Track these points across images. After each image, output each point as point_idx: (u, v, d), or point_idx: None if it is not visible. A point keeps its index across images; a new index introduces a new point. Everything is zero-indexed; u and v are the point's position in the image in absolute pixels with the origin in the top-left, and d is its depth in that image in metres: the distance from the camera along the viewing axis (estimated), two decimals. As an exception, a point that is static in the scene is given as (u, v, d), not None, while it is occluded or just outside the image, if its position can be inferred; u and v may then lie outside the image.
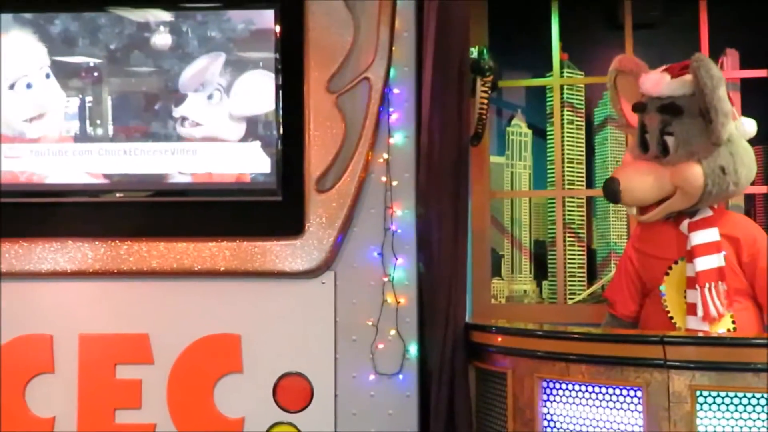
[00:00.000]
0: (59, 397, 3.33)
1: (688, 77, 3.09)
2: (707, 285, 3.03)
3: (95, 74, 3.45)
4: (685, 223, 3.16)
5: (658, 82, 3.20)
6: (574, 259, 3.93)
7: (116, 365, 3.32)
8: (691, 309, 3.07)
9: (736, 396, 2.64)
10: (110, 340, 3.33)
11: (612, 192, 3.15)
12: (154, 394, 3.30)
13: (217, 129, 3.42)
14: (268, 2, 3.41)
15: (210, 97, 3.43)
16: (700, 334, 3.03)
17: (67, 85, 3.45)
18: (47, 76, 3.46)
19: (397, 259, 3.27)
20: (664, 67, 3.28)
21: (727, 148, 3.06)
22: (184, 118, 3.42)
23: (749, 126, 3.19)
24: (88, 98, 3.46)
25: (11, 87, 3.47)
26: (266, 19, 3.40)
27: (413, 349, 3.26)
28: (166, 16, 3.45)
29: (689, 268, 3.10)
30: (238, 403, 3.29)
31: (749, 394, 2.62)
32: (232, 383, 3.30)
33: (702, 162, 3.03)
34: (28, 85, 3.47)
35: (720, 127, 2.98)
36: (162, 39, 3.44)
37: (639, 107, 3.27)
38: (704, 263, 3.05)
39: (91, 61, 3.45)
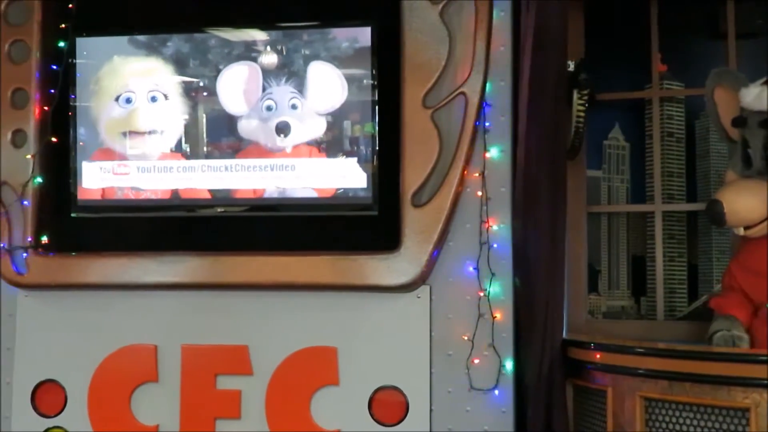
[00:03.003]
0: (163, 406, 3.43)
1: None
2: None
3: (205, 93, 3.56)
4: None
5: (759, 96, 3.14)
6: (674, 274, 3.83)
7: (216, 376, 3.40)
8: None
9: None
10: (211, 351, 3.41)
11: (716, 215, 3.09)
12: (253, 405, 3.37)
13: (308, 132, 3.47)
14: (365, 20, 3.46)
15: (294, 107, 3.49)
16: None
17: (177, 103, 3.57)
18: (158, 96, 3.59)
19: (493, 273, 3.25)
20: (764, 79, 3.20)
21: None
22: (281, 130, 3.49)
23: None
24: (199, 115, 3.56)
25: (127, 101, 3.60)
26: (367, 36, 3.44)
27: (509, 365, 3.23)
28: (271, 35, 3.52)
29: None
30: (334, 415, 3.32)
31: None
32: (329, 395, 3.34)
33: None
34: (128, 100, 3.60)
35: None
36: (268, 58, 3.51)
37: (739, 122, 3.21)
38: None
39: (201, 81, 3.56)
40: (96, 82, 3.61)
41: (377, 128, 3.42)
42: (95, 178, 3.61)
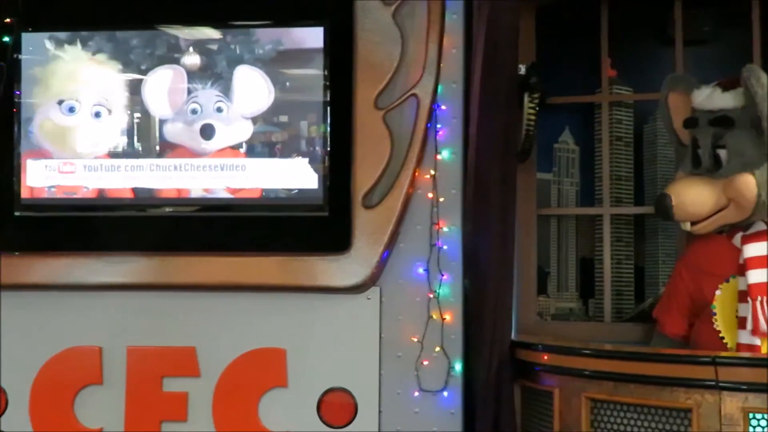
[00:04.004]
0: (107, 409, 3.37)
1: (740, 90, 3.11)
2: (759, 298, 3.00)
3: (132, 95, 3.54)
4: (738, 236, 3.14)
5: (710, 96, 3.21)
6: (621, 277, 3.88)
7: (163, 378, 3.35)
8: (742, 323, 3.05)
9: (791, 419, 2.59)
10: (157, 352, 3.37)
11: (664, 208, 3.14)
12: (200, 407, 3.33)
13: (234, 136, 3.46)
14: (318, 20, 3.45)
15: (219, 110, 3.47)
16: (752, 354, 2.99)
17: (117, 106, 3.54)
18: (102, 111, 3.56)
19: (443, 275, 3.26)
20: (715, 82, 3.25)
21: None
22: (205, 133, 3.48)
23: None
24: (136, 115, 3.53)
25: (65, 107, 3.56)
26: (295, 38, 3.44)
27: (458, 366, 3.24)
28: (193, 37, 3.51)
29: (741, 282, 3.07)
30: (283, 417, 3.30)
31: (805, 418, 2.57)
32: (277, 397, 3.31)
33: (755, 172, 3.02)
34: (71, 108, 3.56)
35: None
36: (191, 59, 3.49)
37: (691, 122, 3.28)
38: (757, 276, 3.03)
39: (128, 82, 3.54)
40: (39, 80, 3.55)
41: (329, 129, 3.40)
42: (40, 177, 3.54)
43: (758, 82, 3.00)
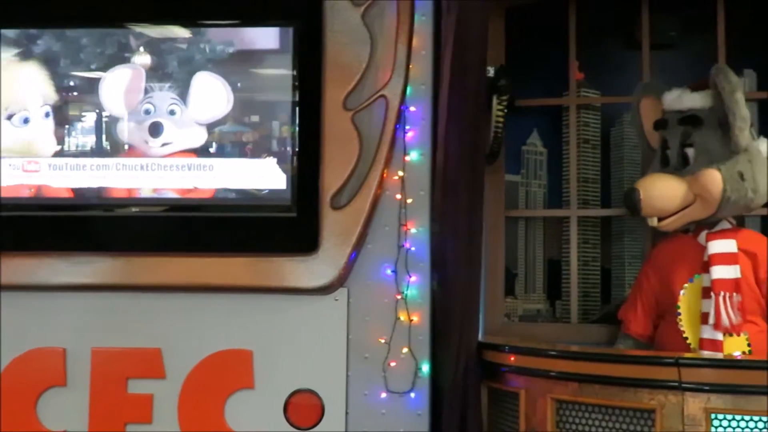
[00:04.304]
0: (70, 411, 3.32)
1: (709, 91, 3.20)
2: (722, 293, 3.05)
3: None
4: (704, 234, 3.20)
5: (679, 96, 3.31)
6: (588, 278, 3.91)
7: (128, 379, 3.32)
8: (705, 318, 3.10)
9: (752, 419, 2.62)
10: (122, 354, 3.33)
11: (632, 202, 3.20)
12: (165, 409, 3.30)
13: (186, 140, 3.44)
14: (286, 20, 3.43)
15: (172, 113, 3.45)
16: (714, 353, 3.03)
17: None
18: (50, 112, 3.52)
19: (410, 276, 3.26)
20: (686, 86, 3.35)
21: (746, 156, 3.14)
22: (153, 131, 3.46)
23: (763, 146, 3.22)
24: (93, 114, 3.50)
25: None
26: (249, 39, 3.44)
27: (425, 368, 3.24)
28: (144, 37, 3.49)
29: (705, 279, 3.12)
30: (249, 419, 3.28)
31: (765, 418, 2.60)
32: (244, 399, 3.29)
33: (721, 168, 3.07)
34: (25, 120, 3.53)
35: (738, 131, 3.07)
36: (141, 59, 3.47)
37: (660, 124, 3.34)
38: (720, 272, 3.09)
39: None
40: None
41: (298, 129, 3.39)
42: (3, 175, 3.49)
43: (726, 78, 3.08)
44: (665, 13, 3.92)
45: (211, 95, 3.44)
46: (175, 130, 3.45)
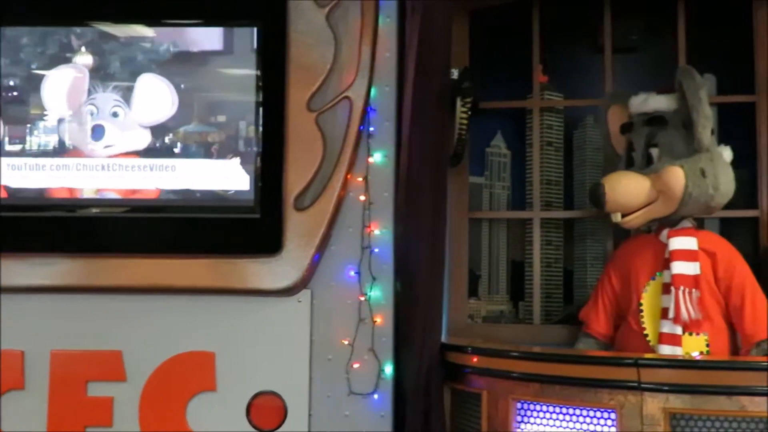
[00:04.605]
0: (29, 414, 3.27)
1: (674, 94, 3.27)
2: (681, 288, 3.10)
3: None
4: (665, 232, 3.25)
5: (645, 100, 3.38)
6: (551, 280, 3.94)
7: (88, 382, 3.28)
8: (665, 313, 3.14)
9: (709, 419, 2.66)
10: (82, 357, 3.29)
11: (597, 196, 3.25)
12: (125, 412, 3.26)
13: (128, 143, 3.42)
14: (250, 19, 3.42)
15: (115, 114, 3.43)
16: (675, 348, 3.09)
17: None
18: None
19: (374, 278, 3.26)
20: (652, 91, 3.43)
21: (708, 156, 3.20)
22: (95, 134, 3.43)
23: (725, 152, 3.28)
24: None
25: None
26: (192, 40, 3.42)
27: (388, 369, 3.25)
28: (86, 37, 3.46)
29: (666, 275, 3.17)
30: (211, 421, 3.25)
31: (722, 417, 2.64)
32: (206, 401, 3.27)
33: (683, 166, 3.12)
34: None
35: (701, 128, 3.12)
36: (83, 59, 3.44)
37: (626, 127, 3.41)
38: (680, 268, 3.15)
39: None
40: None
41: (261, 130, 3.38)
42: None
43: (691, 78, 3.15)
44: (628, 17, 3.97)
45: (156, 97, 3.41)
46: (118, 132, 3.41)
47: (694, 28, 3.84)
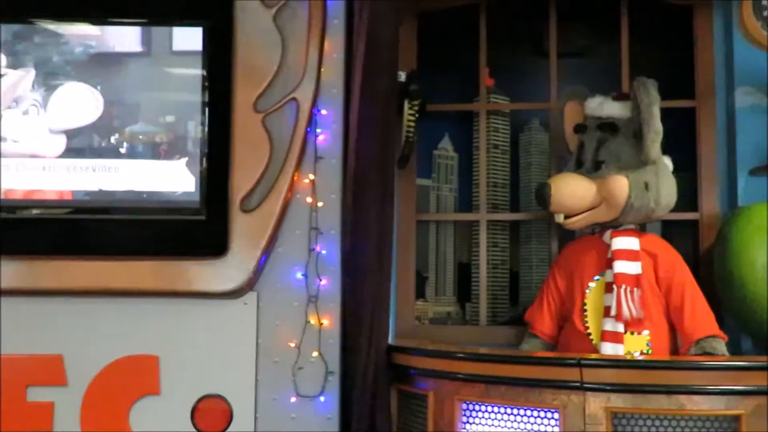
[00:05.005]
0: (-33, 420, 3.21)
1: (629, 103, 3.33)
2: (623, 287, 3.15)
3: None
4: (608, 232, 3.31)
5: (601, 104, 3.44)
6: (497, 281, 3.98)
7: (28, 387, 3.21)
8: (607, 311, 3.20)
9: (649, 418, 2.70)
10: (22, 361, 3.22)
11: (542, 196, 3.31)
12: (67, 417, 3.20)
13: (35, 145, 3.37)
14: (196, 20, 3.39)
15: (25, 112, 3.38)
16: (617, 346, 3.15)
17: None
18: None
19: (321, 280, 3.25)
20: (609, 94, 3.51)
21: (653, 169, 3.26)
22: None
23: (666, 161, 3.35)
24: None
25: None
26: (111, 41, 3.39)
27: (335, 371, 3.24)
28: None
29: (609, 275, 3.23)
30: (155, 425, 3.21)
31: (662, 416, 2.69)
32: (149, 405, 3.22)
33: (629, 176, 3.18)
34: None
35: (650, 143, 3.19)
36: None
37: (580, 128, 3.47)
38: (622, 267, 3.21)
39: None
40: None
41: (207, 131, 3.35)
42: None
43: (646, 91, 3.20)
44: (573, 22, 4.03)
45: (77, 101, 3.37)
46: (33, 134, 3.36)
47: (637, 34, 3.91)
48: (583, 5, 3.95)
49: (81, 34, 3.40)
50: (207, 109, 3.36)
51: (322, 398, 3.22)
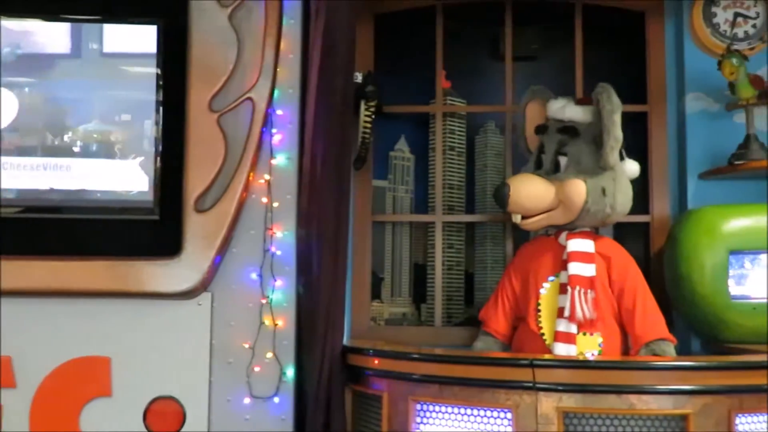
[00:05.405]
0: None
1: (590, 107, 3.36)
2: (577, 288, 3.19)
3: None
4: (564, 234, 3.34)
5: (562, 107, 3.47)
6: (452, 282, 4.00)
7: (-25, 389, 3.16)
8: (561, 312, 3.23)
9: (600, 417, 2.74)
10: (-31, 363, 3.16)
11: (501, 196, 3.33)
12: (15, 420, 3.14)
13: None
14: (151, 17, 3.36)
15: None
16: (569, 347, 3.19)
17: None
18: None
19: (276, 280, 3.24)
20: (572, 97, 3.58)
21: (611, 175, 3.30)
22: None
23: (632, 166, 3.40)
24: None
25: None
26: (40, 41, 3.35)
27: (290, 372, 3.23)
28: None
29: (563, 276, 3.26)
30: (106, 428, 3.17)
31: (612, 416, 2.73)
32: (101, 407, 3.18)
33: (587, 180, 3.22)
34: None
35: (609, 149, 3.23)
36: None
37: (541, 129, 3.51)
38: (577, 269, 3.25)
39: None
40: None
41: (162, 131, 3.32)
42: None
43: (608, 98, 3.23)
44: (528, 26, 4.08)
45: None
46: None
47: (591, 39, 3.96)
48: (538, 10, 4.00)
49: (22, 30, 3.35)
50: (161, 108, 3.33)
51: (276, 399, 3.21)
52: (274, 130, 3.32)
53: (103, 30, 3.38)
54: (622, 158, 3.37)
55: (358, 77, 3.56)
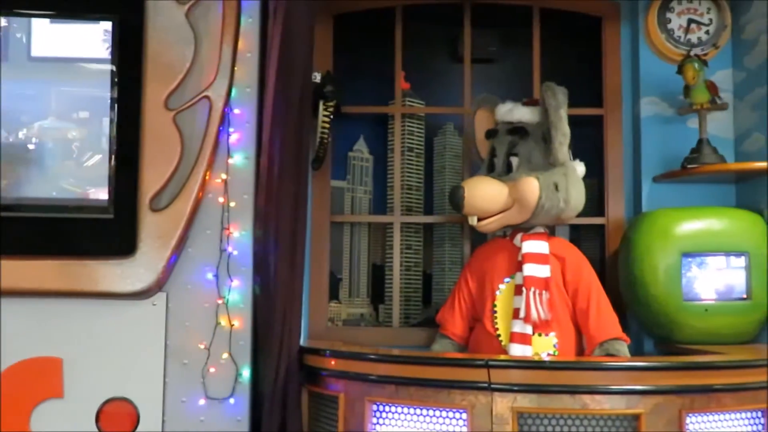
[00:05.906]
0: None
1: (538, 108, 3.42)
2: (532, 289, 3.22)
3: None
4: (519, 235, 3.38)
5: (510, 110, 3.53)
6: (410, 283, 4.01)
7: None
8: (516, 313, 3.26)
9: (554, 417, 2.76)
10: None
11: (456, 199, 3.35)
12: (-38, 422, 3.09)
13: None
14: (106, 14, 3.31)
15: None
16: (525, 348, 3.22)
17: None
18: None
19: (232, 281, 3.21)
20: (524, 100, 3.61)
21: (562, 170, 3.35)
22: None
23: (578, 167, 3.44)
24: None
25: None
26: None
27: (246, 373, 3.20)
28: None
29: (518, 277, 3.29)
30: (58, 430, 3.11)
31: (566, 416, 2.75)
32: (52, 409, 3.12)
33: (539, 177, 3.25)
34: None
35: (558, 145, 3.27)
36: None
37: (491, 133, 3.55)
38: (532, 270, 3.28)
39: None
40: None
41: (116, 128, 3.27)
42: None
43: (554, 95, 3.29)
44: (486, 29, 4.10)
45: None
46: None
47: (548, 42, 4.01)
48: (497, 13, 4.03)
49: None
50: (116, 106, 3.28)
51: (231, 400, 3.18)
52: (231, 129, 3.29)
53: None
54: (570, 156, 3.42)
55: (317, 77, 3.56)
